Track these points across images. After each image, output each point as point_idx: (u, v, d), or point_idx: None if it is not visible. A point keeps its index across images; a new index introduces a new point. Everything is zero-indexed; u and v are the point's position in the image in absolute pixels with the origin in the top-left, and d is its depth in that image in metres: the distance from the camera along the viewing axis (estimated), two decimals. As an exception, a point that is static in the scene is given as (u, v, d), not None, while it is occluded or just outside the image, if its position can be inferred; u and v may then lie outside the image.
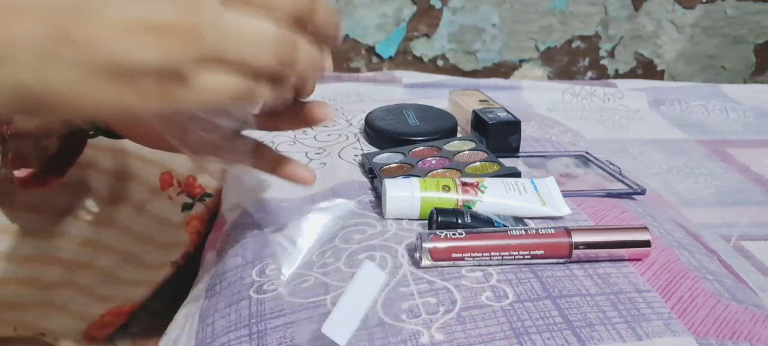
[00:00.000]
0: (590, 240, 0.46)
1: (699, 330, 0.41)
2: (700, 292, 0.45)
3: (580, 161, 0.67)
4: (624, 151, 0.98)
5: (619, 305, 0.42)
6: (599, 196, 0.58)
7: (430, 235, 0.45)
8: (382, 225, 0.51)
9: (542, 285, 0.44)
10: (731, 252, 0.72)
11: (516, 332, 0.39)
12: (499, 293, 0.43)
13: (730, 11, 1.48)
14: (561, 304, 0.42)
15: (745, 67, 1.55)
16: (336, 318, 0.36)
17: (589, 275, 0.45)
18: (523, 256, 0.45)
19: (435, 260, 0.45)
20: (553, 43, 1.47)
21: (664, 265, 0.47)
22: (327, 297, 0.43)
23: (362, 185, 0.59)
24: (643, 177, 0.87)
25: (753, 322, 0.43)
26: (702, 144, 1.02)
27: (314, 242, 0.50)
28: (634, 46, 1.50)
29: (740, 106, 1.17)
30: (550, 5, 1.43)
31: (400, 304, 0.42)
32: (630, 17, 1.47)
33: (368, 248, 0.48)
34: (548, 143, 0.73)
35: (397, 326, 0.40)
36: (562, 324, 0.40)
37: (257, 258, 0.50)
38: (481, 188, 0.52)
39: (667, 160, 0.96)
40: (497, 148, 0.66)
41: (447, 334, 0.39)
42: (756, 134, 1.07)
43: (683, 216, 0.71)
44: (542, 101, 1.14)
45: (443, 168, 0.60)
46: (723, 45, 1.52)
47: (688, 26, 1.49)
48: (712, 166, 0.95)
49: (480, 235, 0.45)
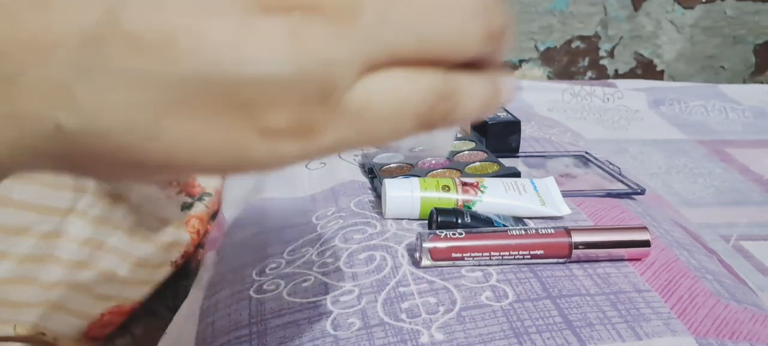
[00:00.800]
0: (590, 240, 0.46)
1: (698, 330, 0.41)
2: (700, 292, 0.45)
3: (580, 161, 0.67)
4: (623, 151, 0.98)
5: (619, 304, 0.42)
6: (599, 196, 0.58)
7: (430, 235, 0.45)
8: (382, 225, 0.51)
9: (542, 285, 0.44)
10: (731, 252, 0.72)
11: (516, 332, 0.39)
12: (498, 293, 0.43)
13: (730, 11, 1.48)
14: (561, 304, 0.42)
15: (744, 68, 1.55)
16: None
17: (589, 275, 0.45)
18: (523, 256, 0.45)
19: (435, 259, 0.45)
20: (552, 44, 1.47)
21: (663, 265, 0.47)
22: (327, 297, 0.43)
23: (362, 185, 0.59)
24: (643, 177, 0.87)
25: (752, 322, 0.43)
26: (701, 144, 1.02)
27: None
28: (633, 46, 1.50)
29: (740, 106, 1.17)
30: (549, 5, 1.43)
31: (400, 304, 0.42)
32: (629, 17, 1.47)
33: (368, 247, 0.48)
34: (548, 143, 0.73)
35: (397, 326, 0.40)
36: (562, 324, 0.40)
37: (257, 258, 0.50)
38: (480, 188, 0.52)
39: (666, 160, 0.96)
40: (497, 148, 0.66)
41: (447, 334, 0.39)
42: (755, 134, 1.07)
43: (683, 216, 0.71)
44: (542, 101, 1.14)
45: (443, 168, 0.60)
46: (722, 45, 1.52)
47: (688, 26, 1.49)
48: (711, 166, 0.95)
49: (480, 235, 0.45)
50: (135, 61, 0.16)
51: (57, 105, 0.17)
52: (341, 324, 0.41)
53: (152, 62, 0.16)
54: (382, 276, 0.45)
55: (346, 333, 0.40)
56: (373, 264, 0.46)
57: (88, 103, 0.17)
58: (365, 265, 0.46)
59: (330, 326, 0.40)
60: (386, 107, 0.18)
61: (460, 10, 0.18)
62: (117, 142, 0.17)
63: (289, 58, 0.16)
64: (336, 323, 0.41)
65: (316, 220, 0.54)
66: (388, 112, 0.19)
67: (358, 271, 0.45)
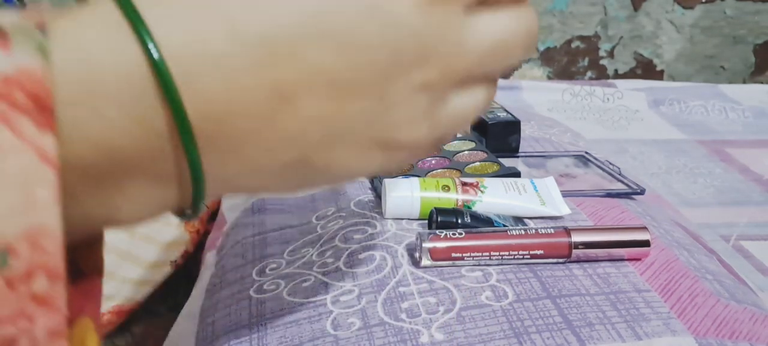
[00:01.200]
0: (590, 240, 0.46)
1: (698, 330, 0.41)
2: (700, 292, 0.45)
3: (580, 161, 0.67)
4: (623, 151, 0.98)
5: (619, 304, 0.42)
6: (599, 196, 0.58)
7: (429, 235, 0.45)
8: (382, 225, 0.51)
9: (542, 285, 0.44)
10: (731, 252, 0.72)
11: (516, 332, 0.39)
12: (498, 293, 0.43)
13: (730, 11, 1.48)
14: (560, 304, 0.42)
15: (744, 68, 1.55)
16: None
17: (589, 275, 0.45)
18: (523, 256, 0.45)
19: (435, 259, 0.45)
20: (552, 43, 1.47)
21: (663, 265, 0.47)
22: (327, 297, 0.43)
23: (362, 185, 0.59)
24: (643, 177, 0.87)
25: (752, 322, 0.43)
26: (701, 144, 1.02)
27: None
28: (633, 46, 1.50)
29: (740, 106, 1.17)
30: (549, 5, 1.43)
31: (400, 304, 0.42)
32: (629, 17, 1.47)
33: (368, 247, 0.48)
34: (548, 143, 0.73)
35: (397, 326, 0.40)
36: (562, 324, 0.40)
37: (257, 258, 0.50)
38: (480, 188, 0.52)
39: (666, 160, 0.96)
40: (497, 148, 0.66)
41: (447, 334, 0.39)
42: (755, 134, 1.07)
43: (683, 216, 0.71)
44: (542, 101, 1.14)
45: (443, 168, 0.60)
46: (722, 45, 1.52)
47: (688, 26, 1.49)
48: (711, 166, 0.95)
49: (480, 235, 0.45)
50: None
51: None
52: (341, 324, 0.41)
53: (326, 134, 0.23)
54: (382, 276, 0.45)
55: (346, 333, 0.40)
56: (373, 264, 0.46)
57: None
58: (365, 265, 0.46)
59: (330, 326, 0.41)
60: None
61: (517, 41, 0.25)
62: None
63: (422, 102, 0.24)
64: (336, 323, 0.41)
65: (316, 220, 0.54)
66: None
67: (358, 271, 0.46)
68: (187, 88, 0.20)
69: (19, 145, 0.17)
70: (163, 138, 0.20)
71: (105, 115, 0.19)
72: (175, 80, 0.19)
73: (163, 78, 0.19)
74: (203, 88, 0.20)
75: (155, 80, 0.19)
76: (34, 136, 0.17)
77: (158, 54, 0.19)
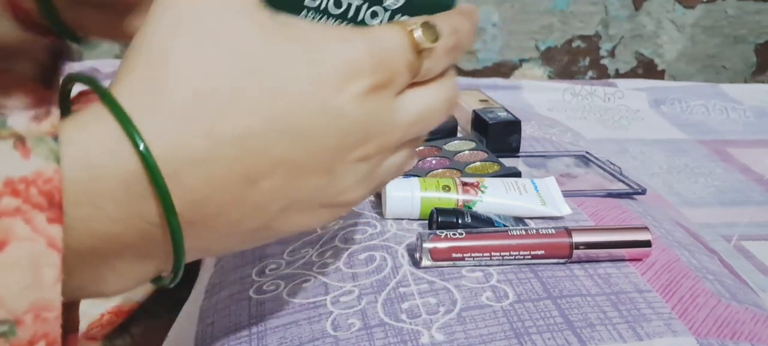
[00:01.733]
0: (591, 240, 0.46)
1: (699, 330, 0.40)
2: (701, 292, 0.45)
3: (581, 161, 0.67)
4: (624, 151, 0.98)
5: (620, 305, 0.42)
6: (599, 196, 0.58)
7: (430, 235, 0.45)
8: (382, 225, 0.51)
9: (543, 285, 0.43)
10: (732, 252, 0.72)
11: (516, 333, 0.39)
12: (499, 293, 0.43)
13: (731, 11, 1.48)
14: (561, 304, 0.42)
15: (745, 67, 1.55)
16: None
17: (590, 275, 0.45)
18: (524, 256, 0.45)
19: (435, 260, 0.45)
20: (553, 43, 1.47)
21: (664, 265, 0.47)
22: (327, 297, 0.43)
23: (362, 185, 0.59)
24: (644, 177, 0.87)
25: (754, 322, 0.43)
26: (702, 144, 1.02)
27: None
28: (634, 45, 1.50)
29: (741, 106, 1.17)
30: (550, 5, 1.43)
31: (400, 304, 0.42)
32: (630, 17, 1.47)
33: (368, 248, 0.48)
34: (548, 143, 0.73)
35: (397, 327, 0.40)
36: (563, 324, 0.40)
37: (257, 259, 0.50)
38: (481, 188, 0.52)
39: (667, 160, 0.96)
40: (497, 148, 0.66)
41: (447, 334, 0.39)
42: (756, 134, 1.07)
43: (684, 216, 0.71)
44: (542, 101, 1.14)
45: (443, 168, 0.60)
46: (723, 45, 1.52)
47: (689, 26, 1.49)
48: (712, 166, 0.95)
49: (480, 235, 0.45)
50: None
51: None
52: (341, 325, 0.40)
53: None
54: (382, 276, 0.45)
55: (346, 334, 0.40)
56: (373, 264, 0.46)
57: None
58: (365, 265, 0.46)
59: (330, 326, 0.40)
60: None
61: (443, 109, 0.31)
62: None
63: (363, 179, 0.30)
64: (336, 324, 0.41)
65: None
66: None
67: (358, 271, 0.45)
68: (174, 183, 0.24)
69: (33, 236, 0.21)
70: (152, 224, 0.24)
71: (104, 210, 0.23)
72: (164, 179, 0.23)
73: (154, 178, 0.23)
74: (187, 182, 0.24)
75: (147, 179, 0.23)
76: (45, 228, 0.22)
77: (152, 160, 0.23)
